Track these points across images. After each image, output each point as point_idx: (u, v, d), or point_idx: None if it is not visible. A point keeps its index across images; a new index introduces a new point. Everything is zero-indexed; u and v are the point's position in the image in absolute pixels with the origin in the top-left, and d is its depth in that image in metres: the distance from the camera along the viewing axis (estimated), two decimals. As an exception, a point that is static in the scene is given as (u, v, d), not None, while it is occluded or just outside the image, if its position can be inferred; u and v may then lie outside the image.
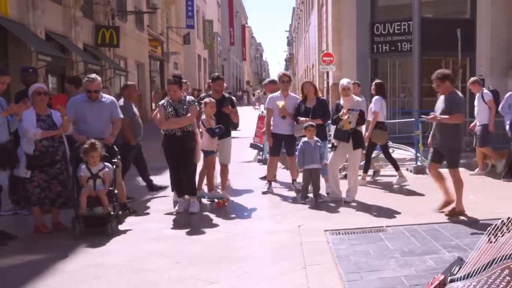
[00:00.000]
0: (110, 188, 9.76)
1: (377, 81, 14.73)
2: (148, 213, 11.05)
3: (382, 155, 16.23)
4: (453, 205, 10.15)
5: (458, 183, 10.15)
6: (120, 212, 10.07)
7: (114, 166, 10.04)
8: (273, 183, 13.06)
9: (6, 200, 9.73)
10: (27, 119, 9.15)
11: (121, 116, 10.87)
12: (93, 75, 10.62)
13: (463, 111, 10.04)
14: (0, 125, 8.82)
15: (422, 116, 10.64)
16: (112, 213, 9.45)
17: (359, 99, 12.02)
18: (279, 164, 14.69)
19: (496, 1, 21.62)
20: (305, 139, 11.70)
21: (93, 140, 9.56)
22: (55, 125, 9.46)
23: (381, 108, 13.84)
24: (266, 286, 6.83)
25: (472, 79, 15.20)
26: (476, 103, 14.82)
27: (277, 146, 12.85)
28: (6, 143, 8.91)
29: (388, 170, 15.82)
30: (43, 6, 22.31)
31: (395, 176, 14.26)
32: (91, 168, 9.55)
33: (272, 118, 12.81)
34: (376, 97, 13.93)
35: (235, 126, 13.22)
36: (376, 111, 13.60)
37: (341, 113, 11.59)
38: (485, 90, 14.85)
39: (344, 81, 11.98)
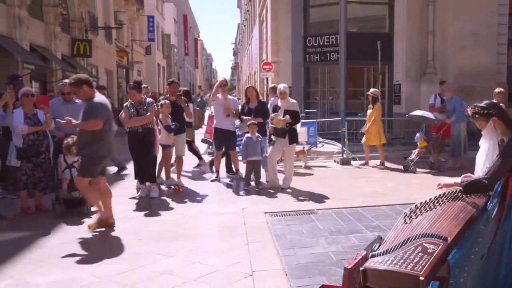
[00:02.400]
0: None
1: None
2: (114, 198, 10.89)
3: (314, 148, 16.31)
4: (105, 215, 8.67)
5: (88, 192, 8.65)
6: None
7: None
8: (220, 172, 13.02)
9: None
10: (16, 117, 9.34)
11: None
12: (67, 80, 10.61)
13: (99, 118, 8.15)
14: None
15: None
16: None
17: (294, 101, 12.03)
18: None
19: (410, 19, 21.87)
20: (248, 135, 11.77)
21: (69, 141, 9.68)
22: (40, 122, 9.60)
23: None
24: (215, 259, 6.80)
25: (271, 85, 15.05)
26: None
27: (220, 140, 12.87)
28: None
29: (318, 161, 15.89)
30: (28, 23, 22.78)
31: (325, 167, 14.30)
32: (67, 159, 9.71)
33: (216, 115, 12.99)
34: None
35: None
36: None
37: (273, 115, 11.71)
38: (273, 97, 14.55)
39: (281, 86, 11.97)
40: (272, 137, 11.90)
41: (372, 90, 15.33)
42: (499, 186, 4.68)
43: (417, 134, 14.47)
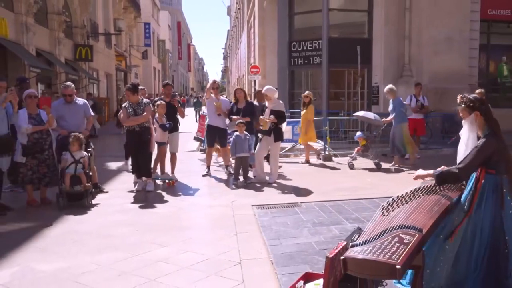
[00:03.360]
0: (87, 171, 9.91)
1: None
2: (113, 191, 11.01)
3: (298, 145, 16.29)
4: None
5: None
6: (92, 190, 10.08)
7: (89, 154, 10.24)
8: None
9: (5, 180, 9.81)
10: (21, 117, 9.34)
11: (93, 114, 11.12)
12: (68, 83, 10.89)
13: None
14: (1, 120, 9.02)
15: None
16: (88, 190, 9.68)
17: (280, 101, 12.04)
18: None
19: (388, 24, 21.89)
20: (237, 133, 11.76)
21: (73, 135, 9.80)
22: (43, 122, 9.63)
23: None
24: (206, 248, 6.79)
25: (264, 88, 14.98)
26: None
27: (212, 137, 12.92)
28: (5, 135, 9.11)
29: (302, 158, 15.87)
30: (34, 29, 23.25)
31: (308, 163, 14.28)
32: (74, 155, 9.73)
33: (208, 114, 13.04)
34: None
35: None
36: None
37: (261, 117, 11.76)
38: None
39: (265, 89, 11.99)
40: (259, 135, 11.96)
41: (307, 92, 15.33)
42: (472, 179, 4.69)
43: (358, 133, 14.48)
